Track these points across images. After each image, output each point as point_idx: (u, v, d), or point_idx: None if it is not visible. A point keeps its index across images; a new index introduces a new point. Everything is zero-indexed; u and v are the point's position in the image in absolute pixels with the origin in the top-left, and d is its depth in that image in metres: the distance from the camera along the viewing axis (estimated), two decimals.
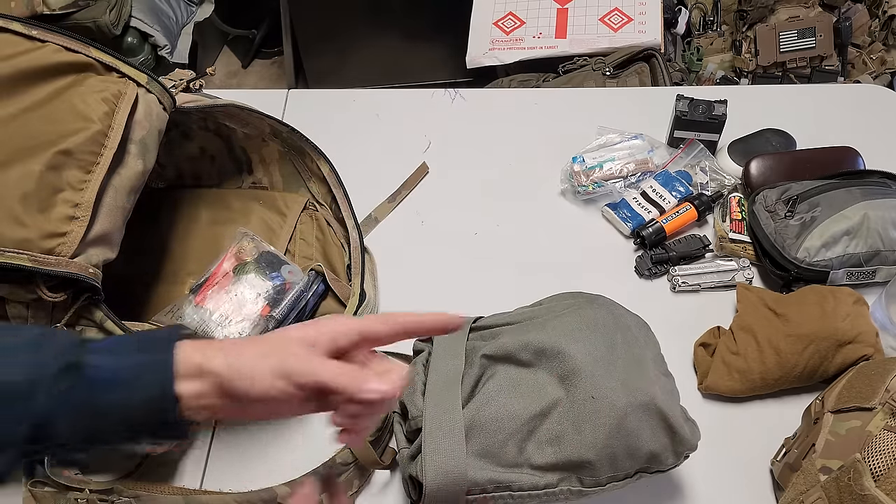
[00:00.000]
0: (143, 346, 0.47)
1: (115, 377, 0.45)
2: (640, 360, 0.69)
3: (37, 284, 0.62)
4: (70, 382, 0.44)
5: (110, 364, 0.46)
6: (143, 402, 0.45)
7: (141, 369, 0.46)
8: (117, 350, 0.47)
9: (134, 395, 0.45)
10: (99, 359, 0.46)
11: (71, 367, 0.45)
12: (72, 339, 0.47)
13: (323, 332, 0.48)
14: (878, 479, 0.60)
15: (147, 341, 0.48)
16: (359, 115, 1.15)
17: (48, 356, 0.45)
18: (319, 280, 0.88)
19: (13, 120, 0.63)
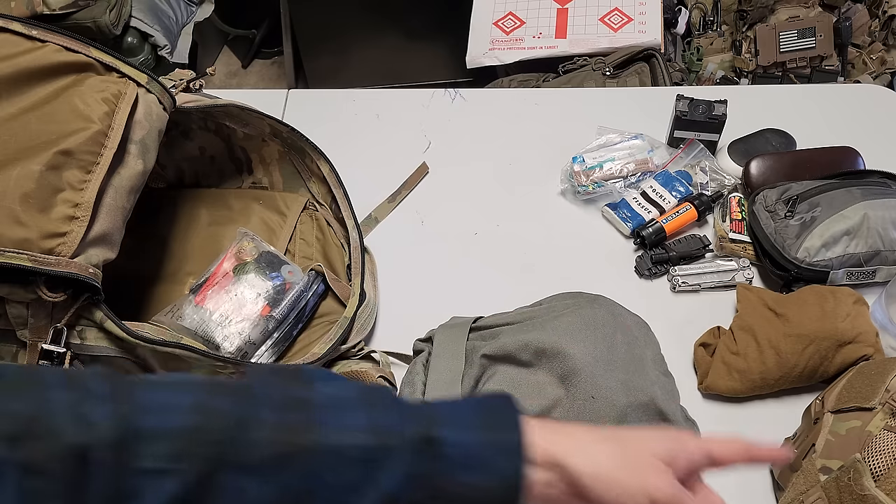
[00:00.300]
0: (489, 422, 0.44)
1: (468, 457, 0.43)
2: (639, 360, 0.69)
3: (37, 284, 0.62)
4: (427, 457, 0.42)
5: (461, 440, 0.43)
6: (495, 486, 0.43)
7: (493, 450, 0.43)
8: (462, 423, 0.44)
9: (486, 479, 0.43)
10: (450, 434, 0.43)
11: (427, 440, 0.42)
12: (404, 401, 0.44)
13: (681, 454, 0.47)
14: (878, 479, 0.60)
15: (490, 414, 0.45)
16: (359, 115, 1.15)
17: (392, 420, 0.42)
18: (319, 280, 0.88)
19: (13, 120, 0.63)
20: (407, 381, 0.74)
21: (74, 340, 0.68)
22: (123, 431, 0.39)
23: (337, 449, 0.41)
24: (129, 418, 0.39)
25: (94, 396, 0.40)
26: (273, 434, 0.41)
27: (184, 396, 0.42)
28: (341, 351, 0.83)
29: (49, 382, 0.40)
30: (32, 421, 0.38)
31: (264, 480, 0.41)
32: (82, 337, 0.68)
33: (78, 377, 0.41)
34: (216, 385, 0.44)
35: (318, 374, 0.46)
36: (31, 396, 0.39)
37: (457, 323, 0.77)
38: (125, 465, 0.39)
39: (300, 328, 0.87)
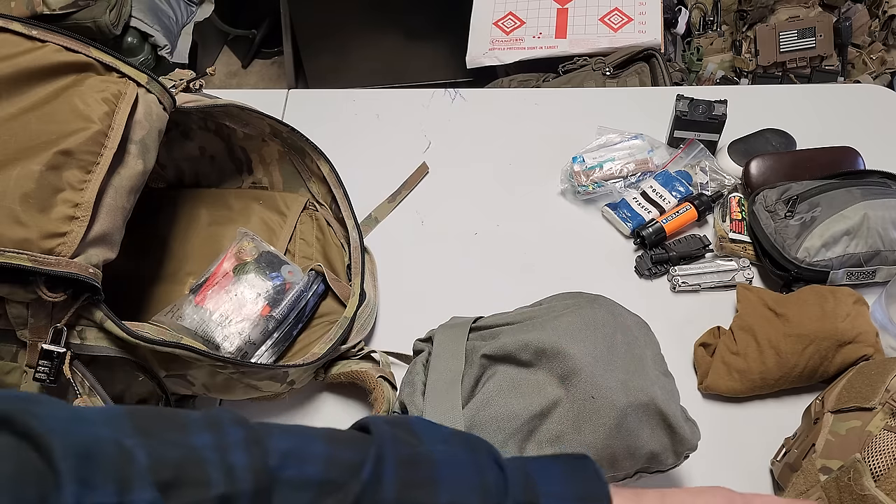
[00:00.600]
0: (584, 497, 0.46)
1: None
2: (639, 360, 0.68)
3: (37, 284, 0.62)
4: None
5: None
6: None
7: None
8: (562, 495, 0.45)
9: None
10: (549, 502, 0.45)
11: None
12: (504, 460, 0.45)
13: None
14: (878, 479, 0.60)
15: (584, 486, 0.47)
16: (359, 115, 1.15)
17: (499, 482, 0.44)
18: (319, 280, 0.88)
19: (13, 120, 0.63)
20: (407, 381, 0.74)
21: (74, 340, 0.68)
22: (264, 481, 0.39)
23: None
24: (268, 468, 0.40)
25: (234, 443, 0.40)
26: (400, 491, 0.42)
27: (315, 446, 0.42)
28: (341, 351, 0.83)
29: (190, 425, 0.40)
30: (182, 468, 0.38)
31: None
32: (82, 337, 0.68)
33: (215, 420, 0.41)
34: (338, 436, 0.44)
35: (421, 425, 0.47)
36: (177, 440, 0.39)
37: (457, 323, 0.77)
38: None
39: (300, 328, 0.87)
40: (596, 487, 0.47)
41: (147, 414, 0.41)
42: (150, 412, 0.42)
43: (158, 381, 0.73)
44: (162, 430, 0.39)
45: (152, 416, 0.41)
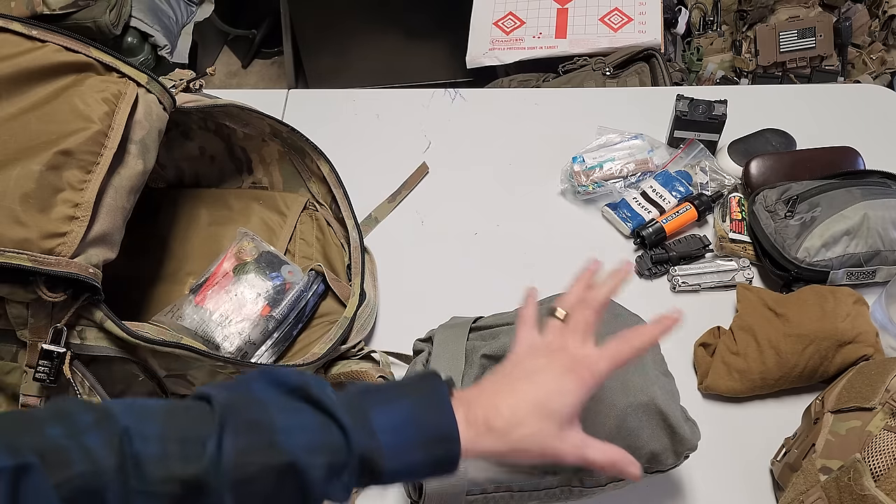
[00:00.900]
0: (430, 439, 0.50)
1: (408, 474, 0.51)
2: (640, 360, 0.68)
3: (37, 284, 0.62)
4: (369, 477, 0.49)
5: (402, 469, 0.50)
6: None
7: (429, 469, 0.51)
8: (406, 446, 0.49)
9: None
10: (392, 464, 0.49)
11: (369, 472, 0.49)
12: (350, 430, 0.48)
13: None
14: (878, 479, 0.60)
15: (430, 426, 0.50)
16: (359, 115, 1.15)
17: (340, 445, 0.48)
18: (319, 280, 0.88)
19: (13, 120, 0.63)
20: None
21: (74, 340, 0.68)
22: (121, 456, 0.44)
23: (301, 468, 0.47)
24: (121, 444, 0.44)
25: (84, 428, 0.44)
26: (238, 457, 0.46)
27: (152, 425, 0.46)
28: (341, 351, 0.83)
29: (38, 423, 0.44)
30: (41, 455, 0.41)
31: None
32: (82, 337, 0.68)
33: (62, 412, 0.45)
34: (177, 411, 0.48)
35: (262, 386, 0.50)
36: (30, 439, 0.43)
37: (457, 323, 0.77)
38: (128, 488, 0.43)
39: (300, 328, 0.87)
40: (442, 422, 0.50)
41: (4, 415, 0.45)
42: (7, 413, 0.46)
43: (158, 381, 0.73)
44: (12, 432, 0.42)
45: (2, 421, 0.44)
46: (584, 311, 0.58)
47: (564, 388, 0.53)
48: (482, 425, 0.51)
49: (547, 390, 0.52)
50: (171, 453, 0.45)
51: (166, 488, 0.44)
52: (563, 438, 0.52)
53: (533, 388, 0.53)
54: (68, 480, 0.42)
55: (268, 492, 0.47)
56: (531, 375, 0.54)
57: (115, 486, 0.43)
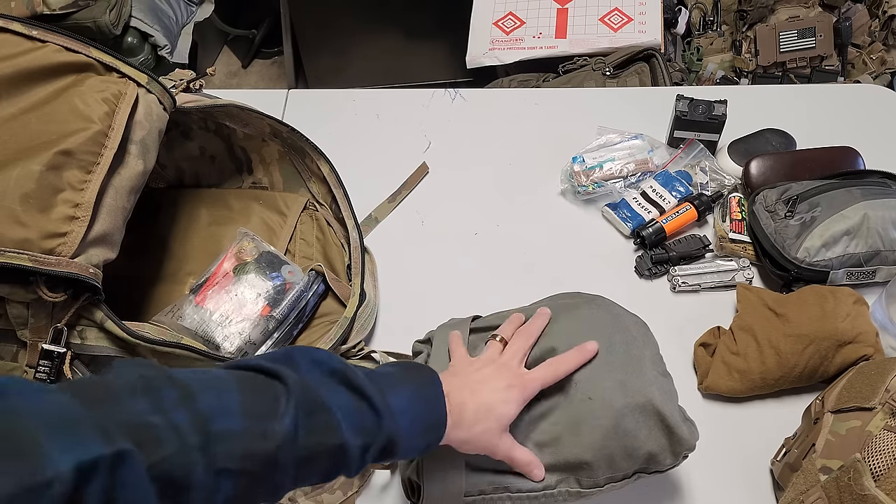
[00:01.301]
0: (428, 427, 0.57)
1: (411, 451, 0.57)
2: (638, 360, 0.68)
3: (37, 284, 0.62)
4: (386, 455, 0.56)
5: (407, 451, 0.57)
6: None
7: (426, 446, 0.58)
8: (412, 430, 0.56)
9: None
10: (404, 445, 0.56)
11: (387, 452, 0.55)
12: (383, 413, 0.54)
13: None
14: (878, 479, 0.60)
15: (428, 413, 0.58)
16: (359, 115, 1.15)
17: (372, 427, 0.53)
18: (319, 280, 0.88)
19: (13, 120, 0.63)
20: None
21: (75, 340, 0.68)
22: (205, 435, 0.45)
23: (347, 448, 0.52)
24: (205, 422, 0.45)
25: (171, 405, 0.45)
26: (307, 437, 0.50)
27: (232, 397, 0.48)
28: (341, 351, 0.83)
29: (123, 395, 0.44)
30: (134, 433, 0.42)
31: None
32: (83, 337, 0.68)
33: (148, 385, 0.45)
34: (251, 386, 0.50)
35: (305, 365, 0.54)
36: (117, 410, 0.43)
37: (456, 323, 0.77)
38: (211, 466, 0.45)
39: (300, 328, 0.87)
40: (438, 412, 0.58)
41: (84, 385, 0.45)
42: (86, 383, 0.47)
43: None
44: (95, 406, 0.42)
45: (90, 386, 0.45)
46: (522, 339, 0.68)
47: (509, 399, 0.62)
48: (456, 417, 0.59)
49: (497, 398, 0.62)
50: (251, 430, 0.47)
51: (246, 465, 0.46)
52: (502, 438, 0.62)
53: (488, 394, 0.62)
54: (160, 462, 0.42)
55: (318, 468, 0.51)
56: (486, 382, 0.63)
57: (200, 466, 0.44)
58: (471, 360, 0.67)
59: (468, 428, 0.60)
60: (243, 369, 0.52)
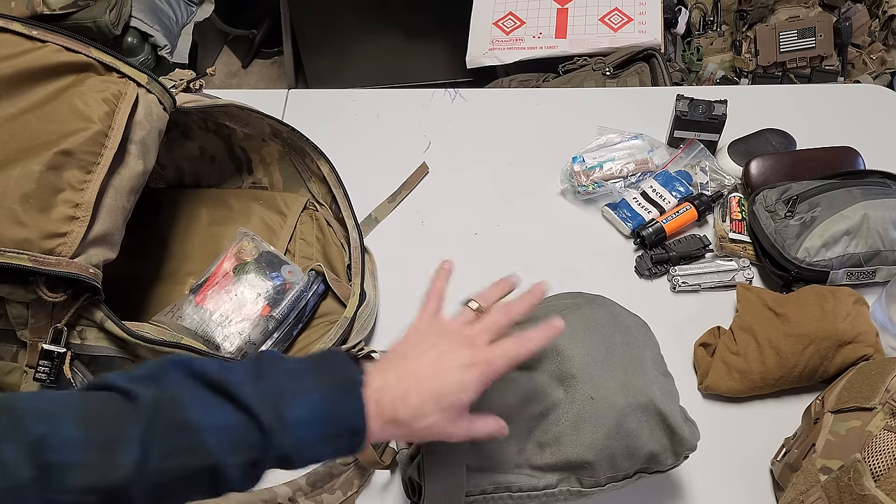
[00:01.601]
0: (334, 433, 0.52)
1: (312, 462, 0.53)
2: (639, 360, 0.68)
3: (37, 284, 0.62)
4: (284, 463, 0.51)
5: (310, 459, 0.52)
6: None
7: (335, 453, 0.53)
8: (315, 437, 0.51)
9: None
10: (302, 455, 0.51)
11: (281, 463, 0.51)
12: (269, 426, 0.49)
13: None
14: (878, 479, 0.60)
15: (337, 426, 0.52)
16: (359, 115, 1.15)
17: (260, 442, 0.49)
18: (319, 280, 0.88)
19: (13, 120, 0.63)
20: None
21: (75, 340, 0.68)
22: (37, 466, 0.42)
23: (222, 467, 0.48)
24: (34, 454, 0.42)
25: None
26: (163, 460, 0.46)
27: (68, 429, 0.44)
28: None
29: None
30: None
31: None
32: (82, 337, 0.68)
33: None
34: (94, 413, 0.46)
35: (178, 379, 0.50)
36: None
37: None
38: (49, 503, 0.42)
39: (300, 328, 0.87)
40: (351, 421, 0.52)
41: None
42: None
43: None
44: None
45: None
46: (502, 314, 0.60)
47: (465, 382, 0.55)
48: (389, 417, 0.53)
49: (449, 384, 0.55)
50: (93, 462, 0.43)
51: (90, 499, 0.43)
52: (456, 425, 0.56)
53: (439, 378, 0.55)
54: None
55: (185, 489, 0.47)
56: (440, 360, 0.56)
57: (33, 499, 0.41)
58: (429, 332, 0.59)
59: (408, 425, 0.54)
60: (96, 389, 0.48)
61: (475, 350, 0.57)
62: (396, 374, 0.55)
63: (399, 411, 0.53)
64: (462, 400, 0.55)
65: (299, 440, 0.50)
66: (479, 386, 0.56)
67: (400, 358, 0.57)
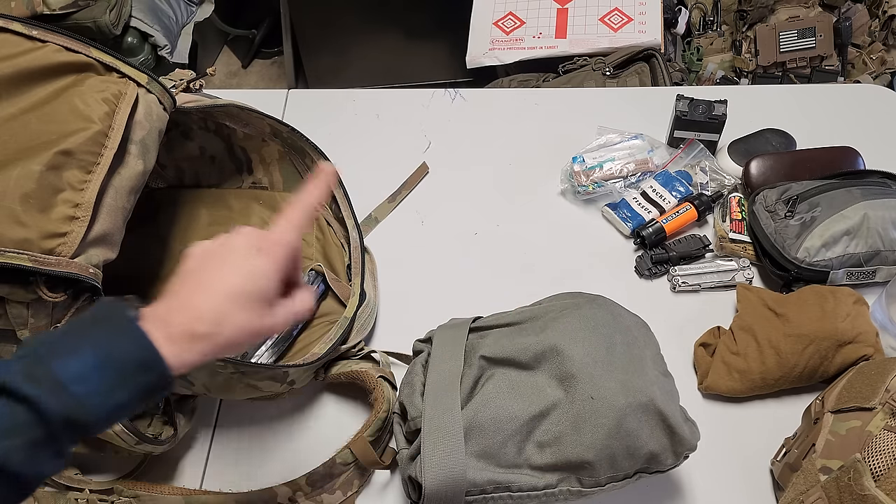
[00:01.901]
0: (118, 383, 0.48)
1: (119, 414, 0.48)
2: (639, 360, 0.69)
3: (37, 284, 0.62)
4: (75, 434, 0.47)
5: (112, 411, 0.48)
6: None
7: (141, 400, 0.49)
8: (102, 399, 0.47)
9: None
10: (97, 412, 0.47)
11: (77, 429, 0.46)
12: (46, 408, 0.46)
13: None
14: (878, 479, 0.60)
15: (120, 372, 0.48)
16: (359, 115, 1.15)
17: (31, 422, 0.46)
18: (319, 280, 0.88)
19: (13, 120, 0.63)
20: (406, 381, 0.74)
21: None
22: None
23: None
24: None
25: None
26: None
27: None
28: (341, 351, 0.83)
29: None
30: None
31: None
32: None
33: None
34: None
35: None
36: None
37: (456, 323, 0.77)
38: None
39: (300, 328, 0.87)
40: (141, 353, 0.48)
41: None
42: None
43: None
44: None
45: None
46: (292, 207, 0.55)
47: (258, 269, 0.51)
48: (185, 337, 0.49)
49: (240, 278, 0.51)
50: None
51: None
52: (272, 314, 0.52)
53: (227, 281, 0.51)
54: None
55: None
56: (223, 265, 0.52)
57: None
58: (216, 244, 0.54)
59: (213, 336, 0.49)
60: None
61: (257, 233, 0.53)
62: (183, 293, 0.51)
63: (196, 325, 0.49)
64: (262, 288, 0.51)
65: (81, 397, 0.46)
66: (275, 268, 0.52)
67: (185, 278, 0.53)
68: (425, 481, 0.64)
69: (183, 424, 0.77)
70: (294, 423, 0.83)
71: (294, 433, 0.83)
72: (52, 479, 0.74)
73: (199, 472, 0.80)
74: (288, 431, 0.83)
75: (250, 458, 0.81)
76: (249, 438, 0.82)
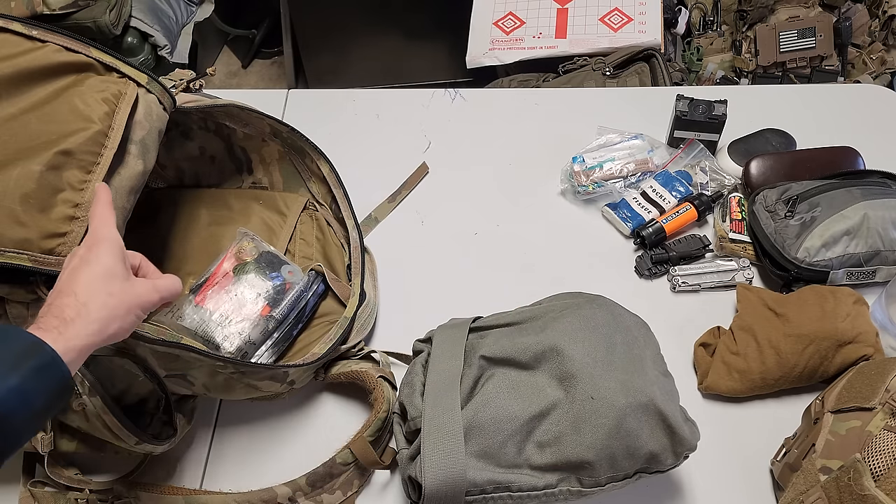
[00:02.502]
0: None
1: (22, 403, 0.50)
2: (639, 360, 0.69)
3: (37, 284, 0.62)
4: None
5: (14, 402, 0.49)
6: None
7: (38, 385, 0.51)
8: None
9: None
10: None
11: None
12: None
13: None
14: (878, 479, 0.60)
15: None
16: (359, 115, 1.15)
17: None
18: (319, 280, 0.88)
19: (13, 120, 0.63)
20: (406, 381, 0.74)
21: None
22: None
23: None
24: None
25: None
26: None
27: None
28: (341, 351, 0.83)
29: None
30: None
31: None
32: None
33: None
34: None
35: None
36: None
37: (456, 323, 0.77)
38: None
39: (300, 328, 0.87)
40: (17, 342, 0.51)
41: None
42: None
43: (159, 381, 0.73)
44: None
45: None
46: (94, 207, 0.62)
47: (92, 258, 0.58)
48: (63, 320, 0.54)
49: (85, 268, 0.57)
50: None
51: None
52: (133, 286, 0.59)
53: (75, 276, 0.57)
54: None
55: None
56: (71, 272, 0.58)
57: None
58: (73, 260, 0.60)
59: (86, 315, 0.55)
60: None
61: (85, 242, 0.60)
62: (58, 286, 0.57)
63: (69, 307, 0.55)
64: (105, 265, 0.57)
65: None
66: (107, 251, 0.58)
67: (54, 297, 0.57)
68: (425, 481, 0.64)
69: (183, 424, 0.77)
70: (294, 423, 0.83)
71: (294, 433, 0.83)
72: (52, 480, 0.74)
73: (199, 472, 0.80)
74: (288, 431, 0.83)
75: (250, 458, 0.81)
76: (249, 438, 0.82)
